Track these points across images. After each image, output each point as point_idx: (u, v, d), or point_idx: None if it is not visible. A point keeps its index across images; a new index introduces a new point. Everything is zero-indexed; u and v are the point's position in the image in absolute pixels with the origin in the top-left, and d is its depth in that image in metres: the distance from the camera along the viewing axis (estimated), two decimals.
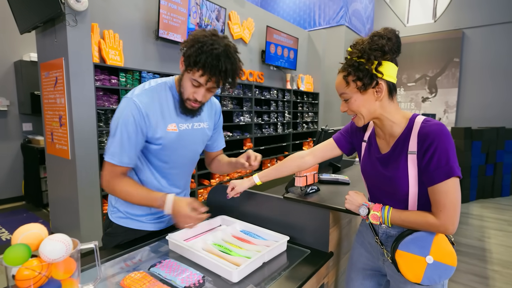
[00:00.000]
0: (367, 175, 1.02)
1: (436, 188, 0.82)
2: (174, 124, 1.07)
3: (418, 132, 0.85)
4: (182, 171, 1.20)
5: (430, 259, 0.84)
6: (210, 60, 0.92)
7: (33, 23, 2.57)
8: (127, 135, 1.00)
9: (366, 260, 1.07)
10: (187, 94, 1.02)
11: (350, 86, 0.89)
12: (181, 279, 0.91)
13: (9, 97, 4.21)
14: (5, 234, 3.20)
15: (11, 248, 0.59)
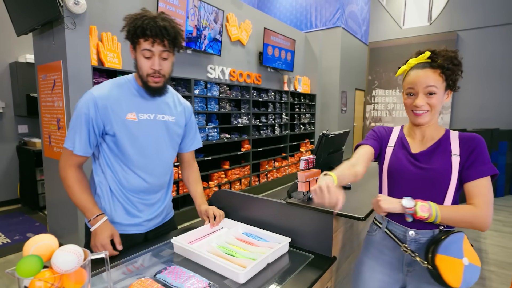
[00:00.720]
0: (401, 173, 1.01)
1: (477, 182, 0.90)
2: (133, 113, 1.11)
3: (459, 138, 0.96)
4: (150, 161, 1.17)
5: (466, 261, 0.87)
6: (147, 22, 1.00)
7: (30, 26, 2.55)
8: (80, 124, 1.05)
9: (382, 276, 1.04)
10: (145, 70, 1.07)
11: (443, 84, 0.94)
12: (188, 285, 0.92)
13: (5, 99, 4.16)
14: (1, 238, 3.17)
15: (24, 260, 0.60)
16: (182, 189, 3.60)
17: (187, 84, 3.66)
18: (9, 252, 2.85)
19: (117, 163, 1.13)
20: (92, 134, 1.07)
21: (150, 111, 1.15)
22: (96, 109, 1.05)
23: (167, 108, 1.21)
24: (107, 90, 1.09)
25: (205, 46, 3.88)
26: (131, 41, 1.06)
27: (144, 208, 1.20)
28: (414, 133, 1.04)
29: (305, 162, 1.26)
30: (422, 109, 0.95)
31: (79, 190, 1.09)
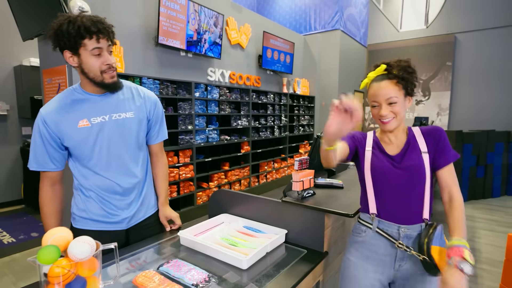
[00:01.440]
0: (384, 176, 1.06)
1: (447, 169, 1.02)
2: (85, 120, 1.10)
3: (422, 134, 1.07)
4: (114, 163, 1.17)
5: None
6: (85, 21, 1.00)
7: (36, 31, 2.63)
8: (35, 143, 1.10)
9: (374, 274, 1.06)
10: (98, 68, 1.06)
11: (401, 92, 1.03)
12: (189, 277, 0.99)
13: (9, 101, 4.25)
14: (6, 237, 3.24)
15: (43, 249, 0.67)
16: (182, 190, 3.68)
17: (188, 87, 3.74)
18: (14, 251, 2.93)
19: (86, 169, 1.16)
20: (51, 149, 1.10)
21: (103, 112, 1.13)
22: (46, 126, 1.08)
23: (122, 105, 1.18)
24: (54, 106, 1.09)
25: (205, 50, 3.96)
26: (72, 45, 1.02)
27: (122, 207, 1.21)
28: (386, 137, 1.12)
29: (299, 163, 1.34)
30: (387, 117, 1.04)
31: (46, 213, 1.14)
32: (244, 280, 1.01)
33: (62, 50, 1.06)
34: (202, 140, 3.90)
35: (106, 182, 1.17)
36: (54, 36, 1.02)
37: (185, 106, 3.67)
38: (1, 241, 3.15)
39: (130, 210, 1.22)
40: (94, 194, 1.18)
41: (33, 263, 0.67)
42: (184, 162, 3.63)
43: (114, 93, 1.16)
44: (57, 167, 1.13)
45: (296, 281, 1.00)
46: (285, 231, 1.27)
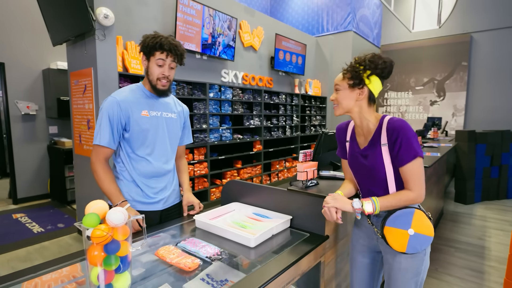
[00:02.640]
0: (353, 169, 1.25)
1: (407, 167, 1.08)
2: (146, 111, 1.38)
3: (386, 128, 1.11)
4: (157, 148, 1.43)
5: (412, 231, 1.08)
6: (164, 41, 1.30)
7: (65, 37, 2.87)
8: (106, 122, 1.31)
9: (363, 241, 1.30)
10: (156, 75, 1.34)
11: (344, 82, 1.15)
12: (203, 251, 1.14)
13: (38, 102, 4.56)
14: (36, 227, 3.51)
15: (87, 216, 0.83)
16: (197, 185, 3.85)
17: (203, 88, 3.91)
18: (43, 239, 3.18)
19: (134, 154, 1.39)
20: (115, 130, 1.33)
21: (158, 109, 1.42)
22: (119, 109, 1.32)
23: (169, 107, 1.48)
24: (126, 95, 1.36)
25: (220, 52, 4.13)
26: (147, 52, 1.32)
27: (158, 191, 1.45)
28: (358, 129, 1.22)
29: (304, 155, 1.46)
30: (334, 103, 1.20)
31: (106, 180, 1.33)
32: (252, 256, 1.14)
33: (141, 52, 1.36)
34: (215, 139, 4.07)
35: (149, 166, 1.40)
36: (141, 41, 1.34)
37: (200, 106, 3.85)
38: (31, 231, 3.41)
39: (165, 192, 1.48)
40: (136, 178, 1.40)
41: (79, 227, 0.83)
42: (198, 159, 3.80)
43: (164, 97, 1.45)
44: (114, 146, 1.35)
45: (297, 258, 1.12)
46: (290, 217, 1.39)
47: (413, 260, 1.13)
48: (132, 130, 1.35)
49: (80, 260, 1.10)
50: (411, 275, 1.14)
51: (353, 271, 1.35)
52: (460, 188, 4.53)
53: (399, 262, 1.14)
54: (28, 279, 0.98)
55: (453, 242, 3.12)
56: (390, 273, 1.19)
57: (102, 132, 1.31)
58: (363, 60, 1.12)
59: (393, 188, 1.13)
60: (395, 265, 1.16)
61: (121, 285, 0.88)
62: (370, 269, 1.31)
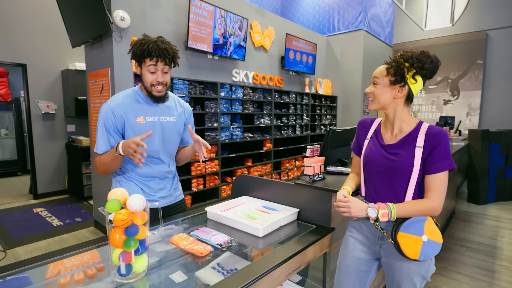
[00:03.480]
0: (371, 163, 1.17)
1: (437, 176, 1.05)
2: (141, 117, 1.36)
3: (426, 132, 1.08)
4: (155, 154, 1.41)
5: (425, 238, 1.05)
6: (152, 47, 1.25)
7: (84, 39, 3.00)
8: (102, 129, 1.31)
9: (362, 247, 1.22)
10: (150, 82, 1.31)
11: (386, 76, 1.10)
12: (214, 239, 1.21)
13: (57, 101, 4.76)
14: (55, 221, 3.67)
15: (110, 201, 0.91)
16: (208, 183, 3.94)
17: (214, 87, 4.01)
18: (62, 232, 3.33)
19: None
20: (112, 137, 1.32)
21: (155, 114, 1.39)
22: (114, 117, 1.31)
23: (168, 110, 1.44)
24: (120, 101, 1.34)
25: (231, 52, 4.21)
26: (137, 60, 1.30)
27: (157, 190, 1.45)
28: (388, 124, 1.18)
29: (311, 150, 1.51)
30: (369, 96, 1.15)
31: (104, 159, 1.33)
32: (260, 246, 1.21)
33: (132, 59, 1.34)
34: (226, 137, 4.16)
35: (148, 169, 1.41)
36: (130, 49, 1.32)
37: (211, 105, 3.94)
38: (51, 224, 3.57)
39: (164, 192, 1.48)
40: (135, 178, 1.42)
41: (102, 211, 0.91)
42: (209, 157, 3.89)
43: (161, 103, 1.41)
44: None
45: (303, 247, 1.18)
46: (297, 210, 1.45)
47: (422, 265, 1.10)
48: (127, 136, 1.34)
49: (97, 247, 1.18)
50: (417, 278, 1.11)
51: (343, 279, 1.25)
52: (473, 188, 4.46)
53: (408, 268, 1.10)
54: (52, 261, 1.07)
55: (464, 241, 3.10)
56: (395, 277, 1.14)
57: (99, 141, 1.32)
58: (410, 57, 1.05)
59: (411, 191, 1.08)
60: (403, 271, 1.11)
61: (139, 266, 0.96)
62: (362, 277, 1.23)
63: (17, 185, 5.56)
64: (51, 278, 0.99)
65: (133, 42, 1.31)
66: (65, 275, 1.00)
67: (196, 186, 3.79)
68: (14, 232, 3.31)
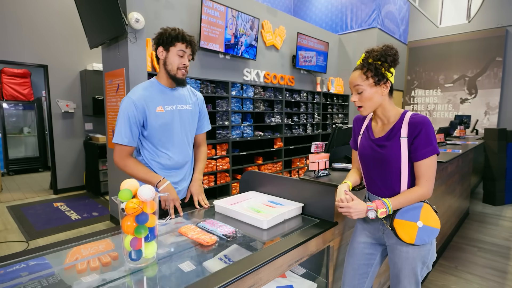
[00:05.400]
0: (364, 156, 1.25)
1: (423, 163, 1.10)
2: (161, 106, 1.44)
3: (408, 122, 1.13)
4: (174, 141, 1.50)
5: (420, 224, 1.12)
6: (184, 33, 1.40)
7: (101, 40, 3.13)
8: (125, 122, 1.37)
9: (368, 233, 1.33)
10: (176, 65, 1.40)
11: (367, 81, 1.13)
12: (220, 230, 1.27)
13: (76, 101, 4.96)
14: (73, 215, 3.84)
15: (122, 191, 0.98)
16: (219, 180, 4.02)
17: (225, 86, 4.08)
18: (80, 225, 3.49)
19: (150, 146, 1.47)
20: (134, 128, 1.39)
21: (172, 103, 1.47)
22: (136, 108, 1.37)
23: (184, 99, 1.53)
24: (140, 93, 1.41)
25: (242, 52, 4.27)
26: (168, 42, 1.38)
27: (177, 181, 1.53)
28: (377, 119, 1.23)
29: (315, 146, 1.55)
30: (356, 104, 1.18)
31: (139, 170, 1.41)
32: (264, 237, 1.26)
33: (157, 46, 1.42)
34: (237, 135, 4.22)
35: (168, 159, 1.49)
36: (158, 34, 1.40)
37: (222, 103, 4.01)
38: (70, 218, 3.74)
39: (184, 183, 1.57)
40: (156, 170, 1.49)
41: (115, 200, 0.98)
42: (221, 155, 3.97)
43: (178, 88, 1.50)
44: (134, 143, 1.43)
45: (305, 239, 1.22)
46: (301, 204, 1.49)
47: (420, 250, 1.16)
48: (150, 126, 1.42)
49: (111, 236, 1.26)
50: (417, 263, 1.17)
51: (349, 259, 1.36)
52: (489, 188, 4.35)
53: (407, 252, 1.18)
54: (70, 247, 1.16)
55: (477, 242, 3.04)
56: (396, 263, 1.21)
57: (122, 132, 1.37)
58: (381, 55, 1.10)
59: (405, 180, 1.14)
60: (402, 255, 1.19)
61: (149, 251, 1.02)
62: (368, 259, 1.32)
63: (39, 181, 5.82)
64: (69, 263, 1.07)
65: (163, 28, 1.41)
66: (82, 261, 1.08)
67: (207, 183, 3.87)
68: (36, 225, 3.49)
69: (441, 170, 2.56)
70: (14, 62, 4.41)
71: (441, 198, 2.63)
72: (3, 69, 6.07)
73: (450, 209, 2.96)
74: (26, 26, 4.41)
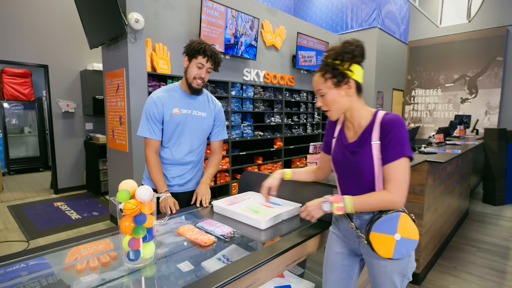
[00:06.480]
0: (337, 163, 1.16)
1: (390, 166, 1.00)
2: (177, 109, 1.58)
3: (379, 123, 1.04)
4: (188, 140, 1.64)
5: (398, 236, 1.02)
6: (207, 47, 1.51)
7: (101, 41, 3.14)
8: (147, 117, 1.55)
9: (343, 243, 1.22)
10: (193, 75, 1.53)
11: (327, 83, 1.06)
12: (219, 230, 1.27)
13: (76, 101, 4.97)
14: (74, 214, 3.86)
15: (120, 192, 0.99)
16: (219, 180, 4.03)
17: (225, 86, 4.08)
18: (81, 225, 3.50)
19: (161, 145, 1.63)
20: (158, 124, 1.56)
21: (189, 107, 1.61)
22: (157, 107, 1.55)
23: (201, 106, 1.66)
24: (162, 94, 1.58)
25: (242, 52, 4.28)
26: (191, 54, 1.51)
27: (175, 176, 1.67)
28: (348, 123, 1.14)
29: (313, 147, 1.55)
30: (323, 108, 1.10)
31: (155, 170, 1.57)
32: (262, 238, 1.26)
33: (184, 55, 1.56)
34: (237, 135, 4.23)
35: (170, 155, 1.63)
36: (187, 44, 1.54)
37: (222, 103, 4.02)
38: (70, 217, 3.76)
39: (181, 179, 1.68)
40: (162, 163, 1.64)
41: (114, 201, 0.99)
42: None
43: (197, 96, 1.65)
44: (158, 137, 1.58)
45: (302, 240, 1.22)
46: (299, 205, 1.50)
47: (399, 263, 1.07)
48: (165, 124, 1.58)
49: (110, 235, 1.27)
50: (397, 277, 1.09)
51: (328, 274, 1.26)
52: (488, 188, 4.35)
53: (385, 266, 1.08)
54: (69, 247, 1.16)
55: (476, 242, 3.04)
56: (376, 277, 1.13)
57: (142, 126, 1.57)
58: (337, 54, 1.03)
59: (379, 187, 1.05)
60: (381, 269, 1.09)
61: (147, 252, 1.03)
62: (348, 271, 1.23)
63: (39, 180, 5.84)
64: (68, 263, 1.08)
65: (192, 40, 1.54)
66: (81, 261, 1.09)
67: None
68: (36, 224, 3.51)
69: (440, 170, 2.56)
70: (14, 62, 4.43)
71: (441, 198, 2.64)
72: (4, 69, 6.09)
73: (449, 209, 2.97)
74: (27, 26, 4.42)
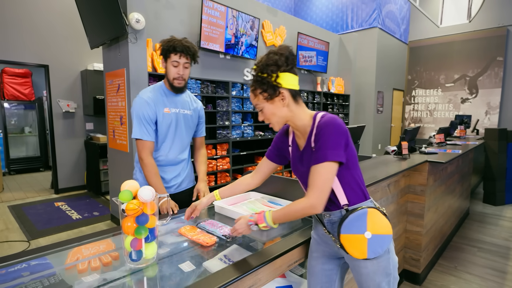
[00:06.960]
0: (295, 172, 1.13)
1: (312, 169, 0.95)
2: (167, 108, 1.58)
3: (316, 127, 0.98)
4: (174, 140, 1.63)
5: (369, 234, 0.96)
6: (177, 43, 1.45)
7: (102, 41, 3.14)
8: (140, 119, 1.50)
9: (323, 247, 1.16)
10: (172, 75, 1.51)
11: (260, 98, 1.01)
12: (220, 230, 1.28)
13: (76, 101, 4.97)
14: (74, 214, 3.86)
15: (123, 192, 0.99)
16: (219, 180, 4.03)
17: (225, 86, 4.08)
18: (81, 225, 3.50)
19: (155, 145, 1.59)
20: (151, 125, 1.53)
21: (177, 106, 1.61)
22: (150, 107, 1.51)
23: (186, 104, 1.67)
24: (151, 94, 1.55)
25: (242, 52, 4.28)
26: (164, 55, 1.49)
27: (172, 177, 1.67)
28: (296, 133, 1.10)
29: None
30: (266, 122, 1.06)
31: (152, 174, 1.52)
32: (263, 237, 1.26)
33: (161, 55, 1.53)
34: (238, 135, 4.23)
35: (166, 156, 1.62)
36: (159, 46, 1.51)
37: (223, 103, 4.02)
38: (71, 217, 3.76)
39: (178, 179, 1.69)
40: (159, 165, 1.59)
41: (116, 201, 0.99)
42: (221, 155, 3.98)
43: (181, 94, 1.63)
44: (153, 138, 1.55)
45: (305, 239, 1.23)
46: None
47: (379, 262, 1.02)
48: (158, 124, 1.55)
49: (112, 236, 1.27)
50: (381, 277, 1.03)
51: (311, 280, 1.21)
52: (489, 188, 4.35)
53: (365, 267, 1.03)
54: (71, 247, 1.17)
55: (477, 242, 3.05)
56: (359, 280, 1.08)
57: (143, 129, 1.51)
58: (263, 67, 0.98)
59: (340, 192, 1.00)
60: (362, 271, 1.04)
61: (149, 252, 1.03)
62: (329, 275, 1.18)
63: (40, 180, 5.84)
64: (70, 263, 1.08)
65: (162, 40, 1.51)
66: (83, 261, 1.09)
67: (208, 183, 3.88)
68: (37, 224, 3.51)
69: (441, 170, 2.57)
70: (15, 62, 4.43)
71: (441, 198, 2.64)
72: (4, 69, 6.09)
73: (450, 209, 2.97)
74: (27, 27, 4.42)
